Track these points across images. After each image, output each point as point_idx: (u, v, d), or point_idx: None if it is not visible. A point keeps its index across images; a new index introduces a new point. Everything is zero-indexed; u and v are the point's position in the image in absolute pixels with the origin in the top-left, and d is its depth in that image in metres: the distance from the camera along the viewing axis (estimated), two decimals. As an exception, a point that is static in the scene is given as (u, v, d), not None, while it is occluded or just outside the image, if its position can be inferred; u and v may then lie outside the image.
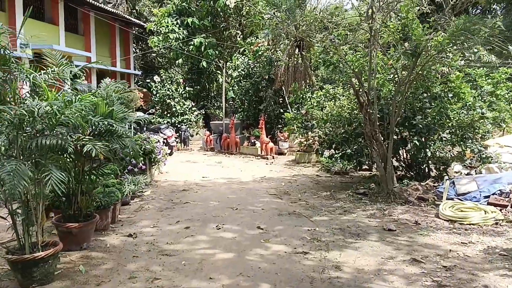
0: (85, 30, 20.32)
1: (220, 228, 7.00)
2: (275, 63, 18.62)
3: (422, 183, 9.39)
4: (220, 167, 13.76)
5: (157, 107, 19.30)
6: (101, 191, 6.97)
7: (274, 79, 18.01)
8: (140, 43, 30.29)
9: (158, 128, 16.05)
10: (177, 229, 6.96)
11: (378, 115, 8.95)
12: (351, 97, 10.71)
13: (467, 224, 7.22)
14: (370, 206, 8.45)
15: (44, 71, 5.45)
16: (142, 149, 10.52)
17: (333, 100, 10.58)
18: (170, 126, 16.69)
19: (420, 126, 9.02)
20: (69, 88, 5.93)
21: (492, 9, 24.95)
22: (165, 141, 16.02)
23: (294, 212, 8.02)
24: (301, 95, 15.14)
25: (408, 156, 10.33)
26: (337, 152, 10.24)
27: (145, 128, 16.81)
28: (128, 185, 9.23)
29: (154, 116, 19.24)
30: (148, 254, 5.79)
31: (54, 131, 4.94)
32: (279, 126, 19.46)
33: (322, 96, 10.66)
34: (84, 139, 5.18)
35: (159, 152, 11.29)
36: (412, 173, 10.23)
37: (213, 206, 8.55)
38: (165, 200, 9.16)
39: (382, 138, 9.00)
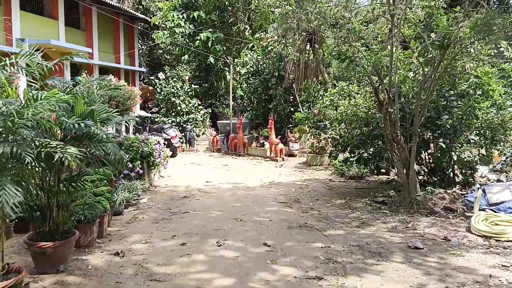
0: (87, 25, 19.55)
1: (220, 245, 6.11)
2: (285, 59, 17.70)
3: (448, 191, 8.42)
4: (226, 170, 12.88)
5: (161, 106, 18.48)
6: (84, 202, 6.11)
7: (284, 76, 17.09)
8: (146, 39, 29.52)
9: (161, 128, 15.23)
10: (171, 246, 6.08)
11: (399, 115, 8.01)
12: (367, 95, 9.77)
13: (504, 240, 6.27)
14: (391, 217, 7.51)
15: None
16: (139, 152, 9.69)
17: (348, 99, 9.64)
18: (174, 126, 15.86)
19: (447, 127, 8.06)
20: (38, 85, 5.04)
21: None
22: (167, 141, 15.18)
23: (306, 225, 7.11)
24: (313, 93, 14.25)
25: (431, 159, 9.36)
26: (352, 155, 9.30)
27: (147, 128, 16.03)
28: (122, 193, 8.40)
29: (158, 115, 18.42)
30: (134, 279, 4.92)
31: (15, 136, 4.09)
32: (290, 125, 18.54)
33: (336, 94, 9.72)
34: (50, 145, 4.30)
35: (159, 154, 10.44)
36: (435, 179, 9.26)
37: (215, 217, 7.67)
38: (163, 209, 8.30)
39: (403, 141, 8.05)
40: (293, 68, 16.64)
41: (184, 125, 17.64)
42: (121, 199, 8.16)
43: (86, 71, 18.33)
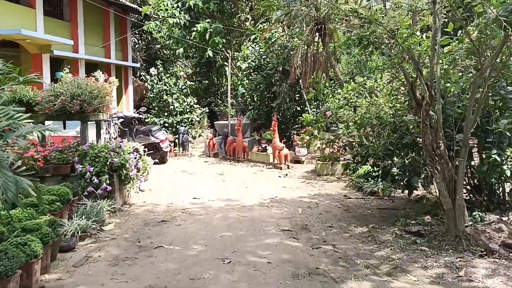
0: (72, 15, 17.63)
1: (193, 314, 4.18)
2: (291, 52, 15.71)
3: (503, 218, 6.44)
4: (221, 180, 10.92)
5: (153, 105, 16.55)
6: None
7: (289, 71, 15.11)
8: (142, 33, 27.60)
9: (149, 131, 13.30)
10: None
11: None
12: (393, 93, 7.77)
13: None
14: (432, 258, 5.53)
15: None
16: (107, 163, 7.76)
17: (369, 97, 7.64)
18: (163, 128, 13.89)
19: (508, 134, 6.06)
20: None
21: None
22: (156, 146, 13.26)
23: (317, 271, 5.15)
24: (322, 90, 12.21)
25: (474, 174, 7.35)
26: (375, 169, 7.32)
27: (134, 131, 14.11)
28: (78, 219, 6.48)
29: (149, 115, 16.49)
30: None
31: None
32: (296, 126, 16.56)
33: (353, 91, 7.72)
34: None
35: (135, 165, 8.50)
36: (481, 199, 7.25)
37: (195, 256, 5.72)
38: (130, 240, 6.37)
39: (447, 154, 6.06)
40: (299, 62, 14.68)
41: (177, 127, 15.69)
42: (74, 229, 6.25)
43: (69, 66, 16.46)
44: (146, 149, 13.38)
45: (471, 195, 7.43)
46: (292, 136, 16.28)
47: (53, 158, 7.92)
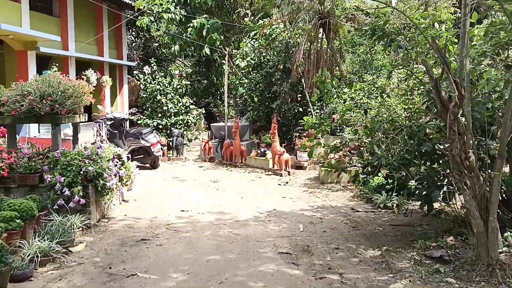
0: (61, 10, 16.65)
1: None
2: (293, 49, 14.72)
3: (542, 241, 5.43)
4: (214, 189, 9.92)
5: (147, 105, 15.55)
6: None
7: (291, 69, 14.12)
8: (139, 31, 26.66)
9: (139, 133, 12.31)
10: None
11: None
12: (408, 92, 6.76)
13: None
14: (461, 293, 4.55)
15: None
16: (81, 172, 6.79)
17: (380, 98, 6.61)
18: (154, 131, 12.89)
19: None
20: None
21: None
22: (147, 150, 12.28)
23: (322, 313, 4.16)
24: (329, 90, 11.20)
25: (503, 187, 6.33)
26: (389, 181, 6.30)
27: (124, 133, 13.14)
28: (41, 240, 5.51)
29: (142, 116, 15.51)
30: None
31: None
32: (298, 129, 15.57)
33: (361, 90, 6.68)
34: None
35: (115, 174, 7.53)
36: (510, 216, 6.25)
37: (173, 289, 4.75)
38: (99, 266, 5.38)
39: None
40: (302, 59, 13.69)
41: (172, 129, 14.68)
42: (33, 253, 5.28)
43: (57, 64, 15.52)
44: (136, 153, 12.57)
45: (499, 211, 6.42)
46: (293, 140, 15.30)
47: (19, 166, 6.95)
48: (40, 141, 14.20)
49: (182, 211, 7.95)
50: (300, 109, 14.83)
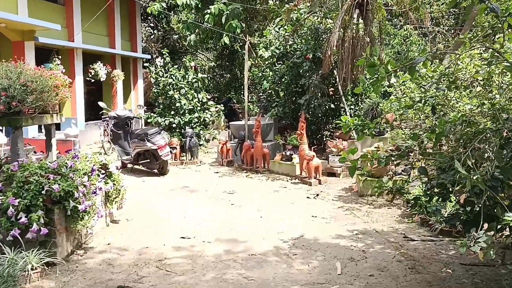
0: (67, -2, 15.18)
1: None
2: (324, 36, 12.81)
3: None
4: (229, 203, 8.11)
5: (159, 101, 13.87)
6: None
7: (321, 59, 12.21)
8: (158, 22, 25.14)
9: (144, 134, 10.59)
10: None
11: None
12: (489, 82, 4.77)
13: None
14: None
15: None
16: (42, 192, 5.09)
17: (456, 89, 4.63)
18: (162, 131, 11.13)
19: None
20: None
21: None
22: (153, 153, 10.58)
23: None
24: (382, 79, 9.26)
25: None
26: (467, 208, 4.35)
27: (129, 134, 11.51)
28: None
29: (152, 114, 13.86)
30: None
31: None
32: (329, 127, 13.63)
33: (430, 79, 4.71)
34: None
35: (94, 192, 5.81)
36: None
37: None
38: None
39: None
40: (334, 47, 11.76)
41: (185, 128, 12.95)
42: None
43: (60, 57, 14.02)
44: (142, 157, 10.89)
45: None
46: (324, 140, 13.39)
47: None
48: (39, 143, 12.74)
49: (183, 237, 6.17)
50: (332, 105, 12.91)
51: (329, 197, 8.54)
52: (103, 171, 6.51)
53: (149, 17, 24.43)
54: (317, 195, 8.59)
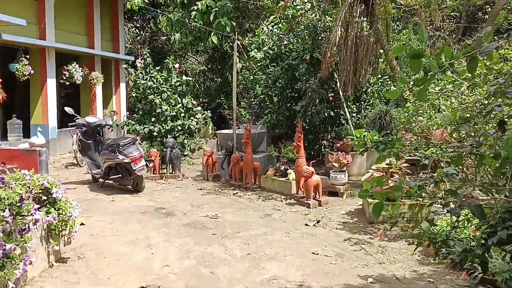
0: (38, -9, 13.69)
1: None
2: (323, 34, 11.43)
3: None
4: (210, 233, 6.61)
5: (139, 107, 12.40)
6: None
7: (320, 60, 10.83)
8: (146, 22, 23.70)
9: (116, 145, 9.10)
10: None
11: None
12: None
13: None
14: None
15: None
16: None
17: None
18: (136, 141, 9.61)
19: None
20: None
21: None
22: (126, 167, 9.10)
23: None
24: (429, 74, 7.87)
25: None
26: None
27: (100, 145, 10.06)
28: None
29: (130, 121, 12.38)
30: None
31: None
32: (328, 138, 12.25)
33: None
34: None
35: (23, 230, 4.31)
36: None
37: None
38: None
39: None
40: (335, 47, 10.40)
41: (166, 138, 11.47)
42: None
43: (27, 56, 12.52)
44: (113, 171, 9.42)
45: None
46: (322, 151, 11.99)
47: None
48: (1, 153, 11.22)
49: (143, 288, 4.69)
50: (332, 113, 11.50)
51: (332, 224, 7.09)
52: (44, 197, 5.06)
53: (135, 17, 23.03)
54: (318, 221, 7.12)
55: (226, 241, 6.25)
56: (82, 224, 6.91)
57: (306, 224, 7.02)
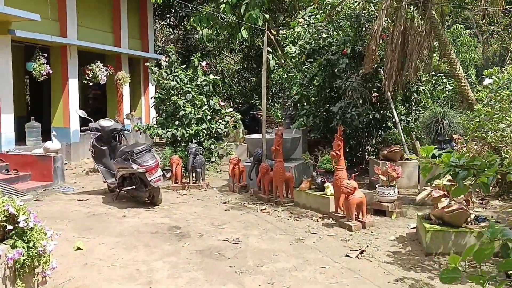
0: (58, -14, 12.91)
1: None
2: (367, 25, 10.03)
3: None
4: (226, 266, 5.39)
5: (164, 108, 11.38)
6: None
7: (363, 54, 9.44)
8: (179, 20, 22.81)
9: (129, 153, 8.03)
10: None
11: None
12: None
13: None
14: None
15: None
16: None
17: None
18: (152, 148, 8.51)
19: None
20: None
21: None
22: (140, 178, 8.03)
23: None
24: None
25: None
26: None
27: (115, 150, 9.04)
28: None
29: (154, 125, 11.36)
30: None
31: None
32: (371, 141, 10.82)
33: None
34: None
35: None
36: None
37: None
38: None
39: None
40: (378, 40, 9.02)
41: (191, 142, 10.37)
42: None
43: (45, 55, 11.71)
44: (128, 182, 8.38)
45: None
46: (366, 159, 10.57)
47: None
48: (14, 159, 10.45)
49: None
50: (377, 115, 10.06)
51: (380, 255, 5.72)
52: (10, 227, 3.98)
53: (167, 14, 22.18)
54: (362, 252, 5.76)
55: (245, 277, 5.00)
56: (79, 248, 5.96)
57: (347, 255, 5.67)
